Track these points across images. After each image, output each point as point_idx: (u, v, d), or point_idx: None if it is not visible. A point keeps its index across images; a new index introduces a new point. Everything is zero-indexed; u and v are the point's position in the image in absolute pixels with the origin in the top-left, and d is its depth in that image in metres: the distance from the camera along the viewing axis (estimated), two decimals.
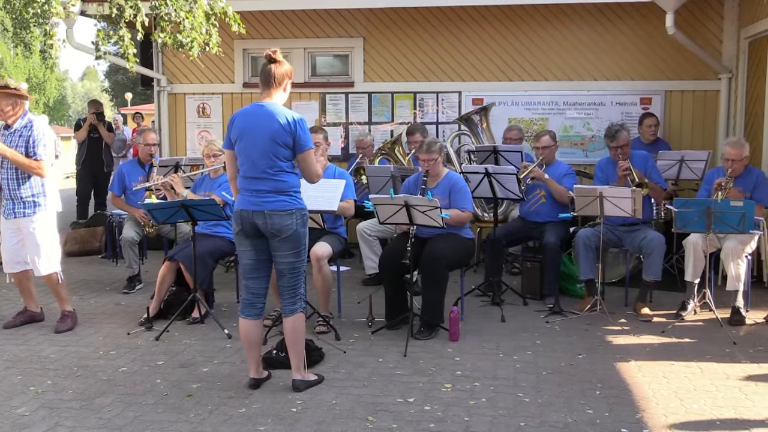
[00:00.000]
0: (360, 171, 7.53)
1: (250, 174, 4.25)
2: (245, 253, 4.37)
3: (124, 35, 6.87)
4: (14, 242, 5.69)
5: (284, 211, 4.22)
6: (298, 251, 4.32)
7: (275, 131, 4.19)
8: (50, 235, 5.68)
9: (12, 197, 5.58)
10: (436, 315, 5.50)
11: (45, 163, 5.53)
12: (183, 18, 6.66)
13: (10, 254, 5.73)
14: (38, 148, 5.51)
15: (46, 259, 5.65)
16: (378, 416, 4.07)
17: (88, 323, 5.93)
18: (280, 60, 4.36)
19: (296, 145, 4.25)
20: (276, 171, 4.22)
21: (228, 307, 6.40)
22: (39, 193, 5.59)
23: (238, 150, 4.30)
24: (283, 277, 4.35)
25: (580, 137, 8.74)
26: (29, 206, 5.56)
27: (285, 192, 4.25)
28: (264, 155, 4.20)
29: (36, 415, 4.12)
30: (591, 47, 8.58)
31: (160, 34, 6.86)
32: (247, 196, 4.28)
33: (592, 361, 4.94)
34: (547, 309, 6.15)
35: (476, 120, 7.91)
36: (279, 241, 4.25)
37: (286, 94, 4.42)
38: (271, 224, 4.21)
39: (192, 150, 9.26)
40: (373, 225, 6.98)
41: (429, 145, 5.78)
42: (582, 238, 6.15)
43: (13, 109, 5.57)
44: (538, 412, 4.12)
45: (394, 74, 8.96)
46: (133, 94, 34.41)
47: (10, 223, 5.65)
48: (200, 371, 4.80)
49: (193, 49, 6.90)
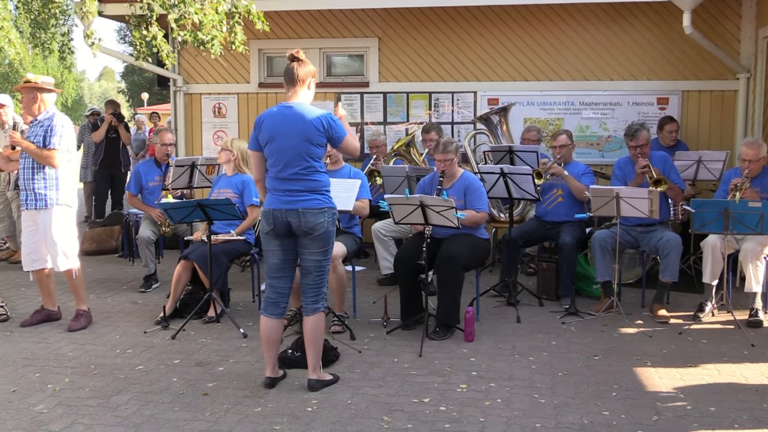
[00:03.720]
0: (374, 173, 7.52)
1: (283, 175, 4.26)
2: (273, 252, 4.38)
3: (157, 34, 6.93)
4: (33, 240, 5.74)
5: (317, 210, 4.24)
6: (326, 250, 4.34)
7: (309, 132, 4.21)
8: (66, 231, 5.73)
9: (26, 188, 5.64)
10: (451, 315, 5.49)
11: (58, 153, 5.57)
12: (192, 14, 6.70)
13: (29, 251, 5.79)
14: (53, 138, 5.56)
15: (63, 255, 5.70)
16: (393, 416, 4.07)
17: (105, 322, 5.97)
18: (303, 59, 4.38)
19: (332, 140, 4.30)
20: (310, 171, 4.25)
21: (243, 306, 6.42)
22: (52, 187, 5.62)
23: (269, 151, 4.30)
24: (308, 276, 4.37)
25: (596, 137, 8.70)
26: (41, 199, 5.61)
27: (318, 191, 4.28)
28: (298, 156, 4.22)
29: (54, 412, 4.16)
30: (607, 47, 8.54)
31: (180, 32, 6.91)
32: (279, 195, 4.28)
33: (608, 363, 4.92)
34: (563, 310, 6.13)
35: (495, 121, 7.88)
36: (310, 239, 4.27)
37: (312, 92, 4.43)
38: (304, 222, 4.22)
39: (208, 150, 9.30)
40: (389, 225, 6.98)
41: (445, 145, 5.77)
42: (598, 239, 6.11)
43: (34, 103, 5.63)
44: (554, 414, 4.10)
45: (409, 74, 8.95)
46: (149, 95, 34.60)
47: (28, 218, 5.71)
48: (216, 370, 4.82)
49: (214, 47, 6.94)
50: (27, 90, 5.64)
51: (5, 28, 6.88)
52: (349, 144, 4.40)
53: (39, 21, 9.97)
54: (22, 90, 5.69)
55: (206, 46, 6.93)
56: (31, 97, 5.64)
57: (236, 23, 7.21)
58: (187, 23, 6.83)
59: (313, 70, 4.42)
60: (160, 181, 7.23)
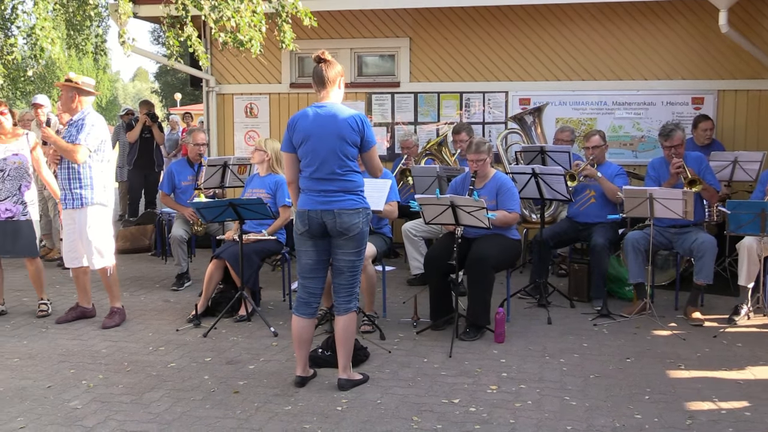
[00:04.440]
0: (405, 172, 7.53)
1: (318, 175, 4.27)
2: (306, 253, 4.40)
3: (192, 35, 7.02)
4: (73, 238, 5.84)
5: (352, 210, 4.25)
6: (360, 250, 4.35)
7: (344, 131, 4.22)
8: (101, 229, 5.81)
9: (64, 188, 5.75)
10: (481, 316, 5.47)
11: (81, 148, 5.63)
12: (230, 17, 6.77)
13: (70, 249, 5.89)
14: (80, 134, 5.64)
15: (98, 253, 5.78)
16: (423, 416, 4.06)
17: (138, 319, 6.05)
18: (330, 60, 4.39)
19: (363, 143, 4.31)
20: (345, 171, 4.26)
21: (274, 305, 6.46)
22: (86, 186, 5.71)
23: (303, 152, 4.30)
24: (341, 275, 4.38)
25: (629, 138, 8.60)
26: (77, 198, 5.71)
27: (353, 191, 4.29)
28: (333, 156, 4.23)
29: (88, 408, 4.22)
30: (641, 46, 8.44)
31: (221, 34, 6.99)
32: (313, 196, 4.30)
33: (640, 366, 4.86)
34: (595, 312, 6.07)
35: (529, 122, 7.84)
36: (345, 239, 4.28)
37: (342, 91, 4.45)
38: (340, 223, 4.23)
39: (239, 150, 9.37)
40: (419, 225, 6.98)
41: (478, 145, 5.75)
42: (631, 241, 6.04)
43: (72, 102, 5.72)
44: (585, 416, 4.06)
45: (440, 74, 8.93)
46: (182, 95, 34.97)
47: (67, 216, 5.82)
48: (247, 368, 4.85)
49: (254, 47, 7.00)
50: (67, 88, 5.74)
51: (47, 29, 7.01)
52: (374, 157, 4.42)
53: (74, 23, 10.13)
54: (62, 87, 5.79)
55: (245, 46, 7.00)
56: (70, 96, 5.73)
57: (284, 22, 7.27)
58: (226, 25, 6.91)
59: (341, 69, 4.43)
60: (193, 181, 7.30)
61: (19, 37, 8.50)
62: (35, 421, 4.04)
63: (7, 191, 6.01)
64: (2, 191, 6.01)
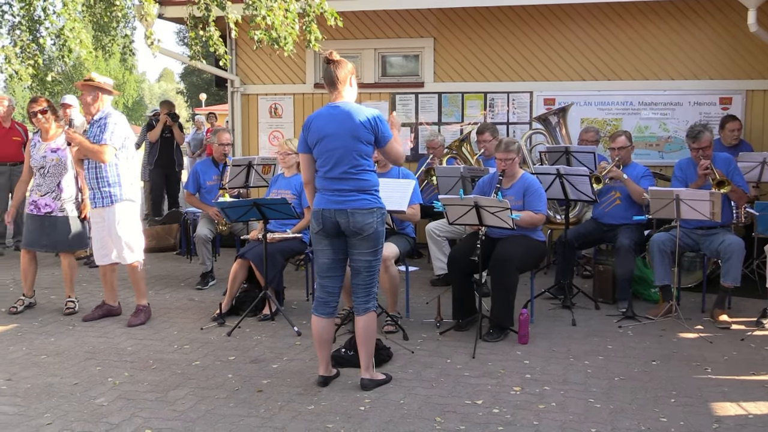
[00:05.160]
0: (430, 172, 7.52)
1: (332, 174, 4.28)
2: (323, 252, 4.41)
3: (213, 35, 7.08)
4: (102, 235, 5.91)
5: (366, 210, 4.25)
6: (376, 250, 4.35)
7: (357, 130, 4.23)
8: (131, 225, 5.89)
9: (92, 187, 5.81)
10: (505, 317, 5.44)
11: (107, 148, 5.70)
12: (264, 15, 6.82)
13: (99, 246, 5.97)
14: (105, 134, 5.70)
15: (128, 248, 5.86)
16: (446, 417, 4.05)
17: (164, 318, 6.10)
18: (338, 59, 4.39)
19: (378, 139, 4.31)
20: (359, 170, 4.26)
21: (298, 304, 6.48)
22: (115, 183, 5.78)
23: (319, 152, 4.33)
24: (358, 275, 4.38)
25: (655, 138, 8.52)
26: (107, 196, 5.77)
27: (367, 191, 4.29)
28: (347, 155, 4.24)
29: (114, 405, 4.26)
30: (668, 45, 8.35)
31: (255, 32, 7.04)
32: (328, 195, 4.31)
33: (666, 368, 4.81)
34: (620, 313, 6.01)
35: (554, 122, 7.79)
36: (359, 239, 4.28)
37: (354, 89, 4.45)
38: (353, 222, 4.24)
39: (264, 150, 9.42)
40: (443, 225, 6.96)
41: (507, 144, 5.73)
42: (657, 242, 5.98)
43: (94, 102, 5.79)
44: (610, 419, 4.03)
45: (465, 74, 8.91)
46: (207, 95, 35.22)
47: (96, 215, 5.89)
48: (270, 367, 4.88)
49: (288, 45, 7.05)
50: (89, 88, 5.80)
51: (76, 29, 7.10)
52: (394, 148, 4.42)
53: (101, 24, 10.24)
54: (84, 87, 5.85)
55: (280, 44, 7.05)
56: (93, 95, 5.80)
57: (311, 21, 7.31)
58: (261, 23, 6.96)
59: (351, 67, 4.43)
60: (218, 181, 7.35)
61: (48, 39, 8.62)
62: (62, 418, 4.09)
63: (47, 187, 6.13)
64: (42, 187, 6.12)
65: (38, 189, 6.17)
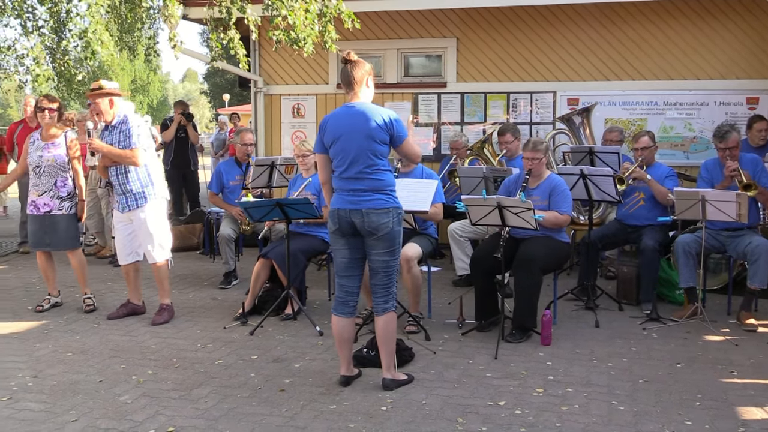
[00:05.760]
0: (453, 173, 7.50)
1: (348, 174, 4.29)
2: (340, 251, 4.42)
3: (234, 37, 7.13)
4: (126, 233, 5.97)
5: (381, 210, 4.25)
6: (393, 250, 4.34)
7: (372, 130, 4.23)
8: (161, 223, 5.96)
9: (123, 191, 5.86)
10: (528, 319, 5.41)
11: (139, 151, 5.76)
12: (285, 15, 6.84)
13: (123, 246, 6.03)
14: (132, 138, 5.76)
15: (159, 246, 5.92)
16: (468, 418, 4.04)
17: (187, 316, 6.14)
18: (356, 60, 4.39)
19: (393, 139, 4.31)
20: (374, 170, 4.26)
21: (320, 304, 6.50)
22: (147, 183, 5.85)
23: (334, 152, 4.34)
24: (376, 276, 4.38)
25: (680, 138, 8.44)
26: (140, 197, 5.84)
27: (382, 191, 4.28)
28: (362, 155, 4.24)
29: (138, 403, 4.30)
30: (693, 44, 8.27)
31: (275, 32, 7.07)
32: (344, 195, 4.32)
33: (691, 371, 4.76)
34: (644, 315, 5.96)
35: (577, 122, 7.74)
36: (375, 239, 4.28)
37: (371, 89, 4.45)
38: (368, 222, 4.24)
39: (287, 150, 9.45)
40: (465, 226, 6.94)
41: (535, 143, 5.71)
42: (682, 244, 5.92)
43: (111, 107, 5.84)
44: (634, 421, 4.00)
45: (488, 74, 8.88)
46: (230, 96, 35.43)
47: (123, 216, 5.94)
48: (292, 367, 4.89)
49: (307, 46, 7.07)
50: (101, 96, 5.81)
51: (98, 31, 7.17)
52: (410, 147, 4.41)
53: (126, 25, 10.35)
54: (95, 97, 5.88)
55: (299, 45, 7.07)
56: (106, 103, 5.82)
57: (328, 22, 7.33)
58: (281, 24, 6.99)
59: (369, 68, 4.43)
60: (241, 180, 7.39)
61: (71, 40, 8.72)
62: (87, 415, 4.13)
63: (44, 186, 6.18)
64: (39, 186, 6.19)
65: (35, 189, 6.22)
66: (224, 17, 7.20)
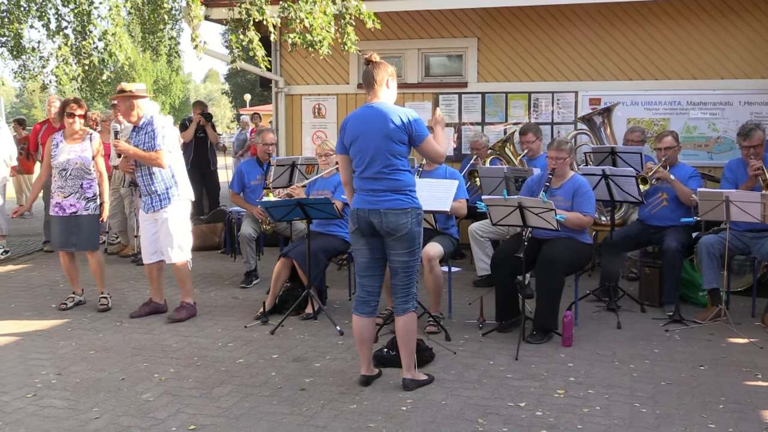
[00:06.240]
0: (474, 173, 7.48)
1: (366, 174, 4.30)
2: (360, 251, 4.43)
3: (253, 38, 7.16)
4: (151, 233, 6.02)
5: (400, 210, 4.25)
6: (413, 250, 4.33)
7: (390, 130, 4.23)
8: (182, 224, 5.99)
9: (148, 192, 5.91)
10: (549, 320, 5.39)
11: (164, 152, 5.81)
12: (309, 21, 6.86)
13: (148, 245, 6.07)
14: (157, 139, 5.81)
15: (178, 248, 5.96)
16: (488, 419, 4.03)
17: (208, 315, 6.18)
18: (378, 61, 4.40)
19: (413, 138, 4.30)
20: (392, 170, 4.26)
21: (340, 304, 6.51)
22: (171, 185, 5.90)
23: (354, 152, 4.35)
24: (396, 276, 4.38)
25: (704, 138, 8.35)
26: (164, 198, 5.89)
27: (401, 191, 4.28)
28: (380, 154, 4.24)
29: (160, 400, 4.33)
30: (717, 43, 8.18)
31: (290, 35, 7.09)
32: (363, 195, 4.33)
33: (714, 374, 4.71)
34: (667, 317, 5.91)
35: (598, 122, 7.68)
36: (394, 239, 4.28)
37: (392, 91, 4.45)
38: (386, 222, 4.24)
39: (307, 150, 9.48)
40: (486, 226, 6.92)
41: (559, 143, 5.68)
42: (705, 245, 5.86)
43: (132, 110, 5.89)
44: (656, 424, 3.96)
45: (509, 74, 8.84)
46: (251, 96, 35.62)
47: (148, 216, 5.98)
48: (313, 366, 4.90)
49: (323, 48, 7.09)
50: (123, 99, 5.89)
51: (118, 34, 7.24)
52: (431, 146, 4.38)
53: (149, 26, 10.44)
54: (119, 99, 5.96)
55: (315, 47, 7.08)
56: (128, 105, 5.89)
57: (347, 24, 7.33)
58: (296, 26, 7.01)
59: (391, 70, 4.43)
60: (262, 180, 7.42)
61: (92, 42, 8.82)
62: (110, 412, 4.17)
63: (70, 188, 6.25)
64: (65, 189, 6.25)
65: (61, 191, 6.27)
66: (243, 18, 7.24)
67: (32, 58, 9.51)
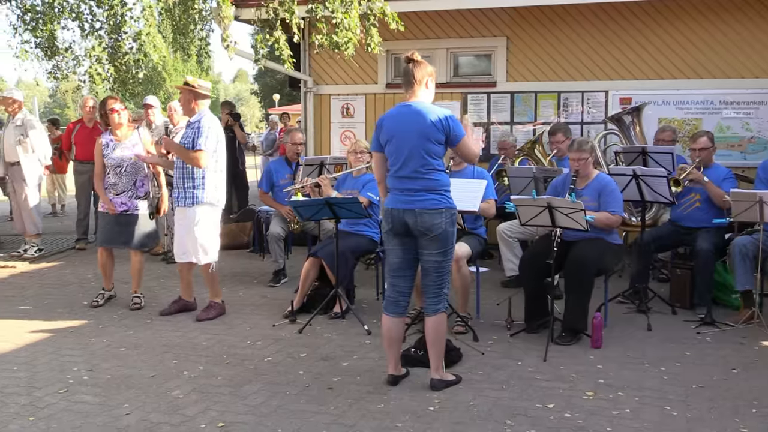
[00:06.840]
0: (502, 173, 7.45)
1: (402, 173, 4.29)
2: (393, 251, 4.42)
3: (279, 38, 7.20)
4: (182, 233, 6.07)
5: (434, 210, 4.24)
6: (446, 250, 4.32)
7: (427, 129, 4.22)
8: (208, 228, 6.02)
9: (178, 186, 5.99)
10: (579, 321, 5.34)
11: (203, 153, 5.85)
12: (341, 19, 6.88)
13: (179, 245, 6.13)
14: (199, 139, 5.86)
15: (203, 250, 5.99)
16: (516, 420, 4.00)
17: (237, 314, 6.22)
18: (419, 60, 4.39)
19: (450, 139, 4.29)
20: (428, 170, 4.25)
21: (368, 303, 6.52)
22: (198, 185, 5.93)
23: (389, 151, 4.35)
24: (428, 276, 4.37)
25: (738, 138, 8.23)
26: (189, 197, 5.93)
27: (436, 191, 4.27)
28: (416, 154, 4.24)
29: (189, 398, 4.37)
30: (750, 41, 8.05)
31: (317, 36, 7.12)
32: (397, 194, 4.32)
33: (747, 377, 4.64)
34: (698, 319, 5.83)
35: (627, 122, 7.60)
36: (428, 239, 4.27)
37: (430, 91, 4.43)
38: (421, 222, 4.23)
39: (336, 149, 9.50)
40: (514, 226, 6.88)
41: (580, 144, 5.63)
42: (738, 246, 5.77)
43: (190, 104, 5.97)
44: (687, 427, 3.91)
45: (538, 73, 8.78)
46: (280, 95, 35.79)
47: (179, 213, 6.06)
48: (341, 365, 4.91)
49: (349, 49, 7.11)
50: (185, 92, 5.99)
51: (151, 34, 7.33)
52: (466, 147, 4.37)
53: (180, 26, 10.55)
54: (181, 90, 6.06)
55: (341, 48, 7.10)
56: (188, 98, 5.98)
57: (372, 25, 7.35)
58: (323, 28, 7.04)
59: (431, 70, 4.42)
60: (291, 179, 7.44)
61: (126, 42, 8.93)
62: (139, 408, 4.21)
63: (123, 186, 6.33)
64: (118, 186, 6.33)
65: (113, 188, 6.36)
66: (271, 18, 7.28)
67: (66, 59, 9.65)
